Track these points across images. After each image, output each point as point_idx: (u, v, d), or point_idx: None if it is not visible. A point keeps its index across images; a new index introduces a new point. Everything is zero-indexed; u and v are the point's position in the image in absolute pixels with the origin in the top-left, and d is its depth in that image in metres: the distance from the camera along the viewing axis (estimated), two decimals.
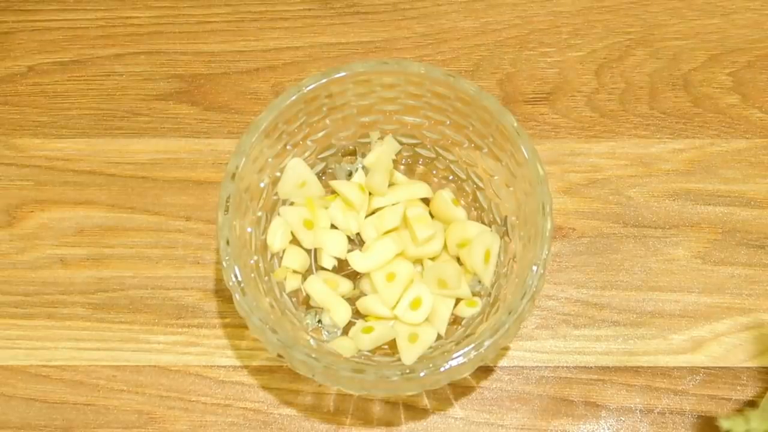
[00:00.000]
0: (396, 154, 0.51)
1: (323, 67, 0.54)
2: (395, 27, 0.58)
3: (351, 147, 0.51)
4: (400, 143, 0.51)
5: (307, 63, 0.57)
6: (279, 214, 0.49)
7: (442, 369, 0.41)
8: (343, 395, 0.49)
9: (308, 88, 0.46)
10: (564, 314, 0.51)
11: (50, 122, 0.55)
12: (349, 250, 0.48)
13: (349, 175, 0.50)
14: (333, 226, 0.49)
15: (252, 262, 0.47)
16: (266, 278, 0.47)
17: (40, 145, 0.55)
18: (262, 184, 0.48)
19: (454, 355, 0.41)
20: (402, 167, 0.52)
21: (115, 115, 0.55)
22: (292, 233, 0.48)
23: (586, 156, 0.54)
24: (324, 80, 0.46)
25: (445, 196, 0.49)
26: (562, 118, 0.55)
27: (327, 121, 0.49)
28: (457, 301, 0.47)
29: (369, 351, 0.47)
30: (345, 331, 0.48)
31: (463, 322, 0.48)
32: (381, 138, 0.50)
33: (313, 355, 0.41)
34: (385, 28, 0.58)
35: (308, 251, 0.49)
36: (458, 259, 0.48)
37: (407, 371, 0.41)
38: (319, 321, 0.48)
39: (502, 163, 0.47)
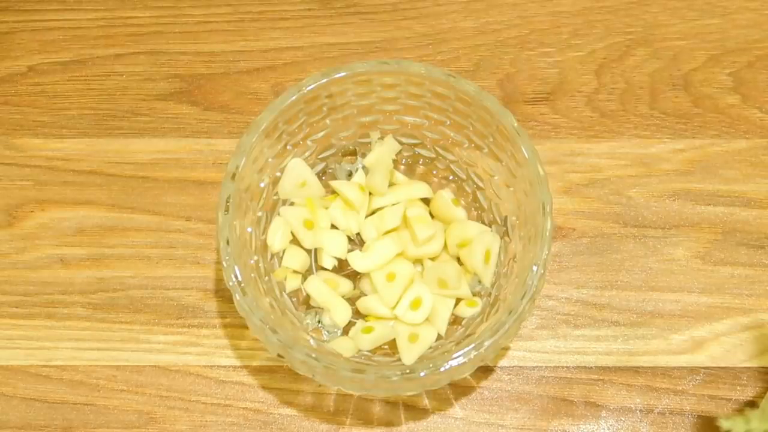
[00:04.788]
0: (396, 154, 0.51)
1: (323, 67, 0.54)
2: (395, 27, 0.58)
3: (351, 147, 0.51)
4: (400, 143, 0.51)
5: (307, 63, 0.57)
6: (279, 214, 0.49)
7: (442, 369, 0.41)
8: (343, 395, 0.49)
9: (308, 88, 0.46)
10: (564, 314, 0.51)
11: (50, 122, 0.55)
12: (349, 250, 0.48)
13: (349, 175, 0.50)
14: (333, 226, 0.49)
15: (252, 262, 0.47)
16: (266, 278, 0.47)
17: (40, 145, 0.55)
18: (262, 184, 0.48)
19: (454, 355, 0.41)
20: (402, 167, 0.52)
21: (115, 115, 0.55)
22: (292, 233, 0.48)
23: (586, 156, 0.54)
24: (324, 80, 0.46)
25: (445, 196, 0.49)
26: (562, 118, 0.55)
27: (327, 121, 0.49)
28: (457, 301, 0.47)
29: (369, 351, 0.47)
30: (345, 331, 0.48)
31: (463, 322, 0.48)
32: (381, 138, 0.50)
33: (313, 355, 0.41)
34: (385, 28, 0.58)
35: (308, 251, 0.49)
36: (458, 259, 0.48)
37: (407, 371, 0.41)
38: (319, 321, 0.48)
39: (502, 163, 0.47)
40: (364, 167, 0.50)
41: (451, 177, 0.51)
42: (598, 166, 0.54)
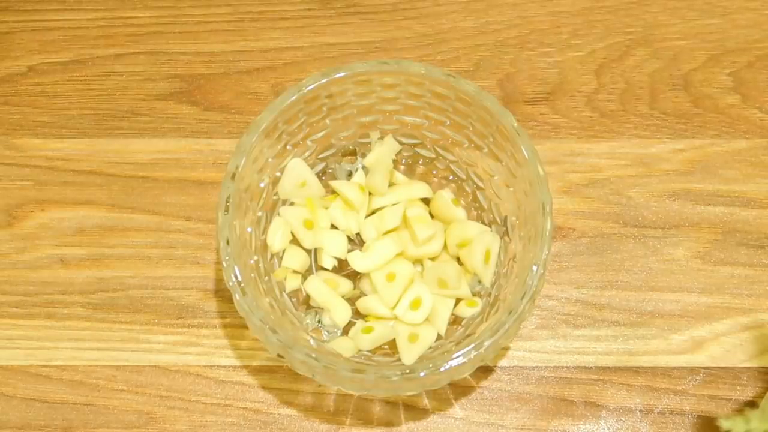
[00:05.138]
0: (396, 154, 0.51)
1: (323, 67, 0.54)
2: (395, 27, 0.58)
3: (351, 147, 0.51)
4: (400, 143, 0.51)
5: (307, 63, 0.57)
6: (279, 214, 0.49)
7: (442, 369, 0.41)
8: (343, 395, 0.49)
9: (308, 88, 0.46)
10: (564, 314, 0.51)
11: (50, 122, 0.55)
12: (349, 250, 0.48)
13: (349, 175, 0.50)
14: (333, 226, 0.49)
15: (252, 262, 0.47)
16: (266, 278, 0.47)
17: (40, 145, 0.55)
18: (262, 184, 0.48)
19: (454, 355, 0.41)
20: (402, 167, 0.52)
21: (115, 115, 0.55)
22: (292, 233, 0.48)
23: (586, 156, 0.54)
24: (324, 80, 0.46)
25: (445, 196, 0.49)
26: (562, 118, 0.55)
27: (327, 121, 0.49)
28: (457, 301, 0.47)
29: (369, 351, 0.47)
30: (345, 331, 0.48)
31: (463, 322, 0.48)
32: (381, 138, 0.50)
33: (313, 355, 0.41)
34: (385, 28, 0.58)
35: (308, 251, 0.49)
36: (458, 259, 0.48)
37: (407, 371, 0.41)
38: (319, 321, 0.48)
39: (502, 163, 0.47)
40: (364, 167, 0.50)
41: (451, 177, 0.51)
42: (598, 166, 0.54)
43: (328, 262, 0.48)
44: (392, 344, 0.47)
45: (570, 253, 0.52)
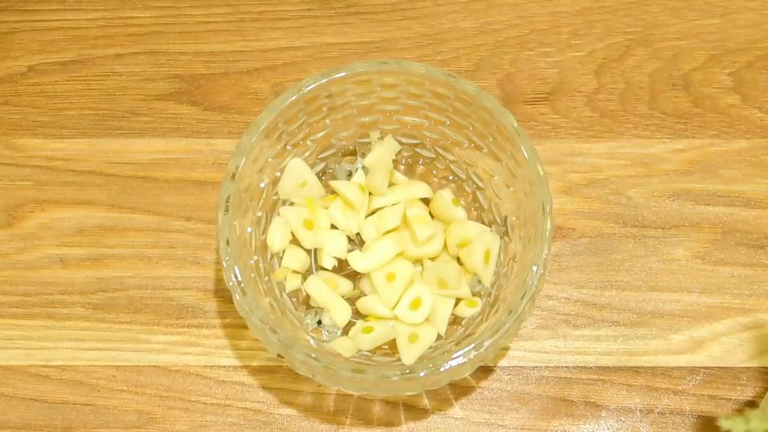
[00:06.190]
0: (396, 154, 0.51)
1: (323, 67, 0.54)
2: (395, 27, 0.58)
3: (351, 147, 0.51)
4: (400, 143, 0.51)
5: (307, 63, 0.57)
6: (279, 214, 0.49)
7: (442, 369, 0.41)
8: (343, 395, 0.49)
9: (308, 88, 0.46)
10: (564, 314, 0.51)
11: (50, 122, 0.55)
12: (349, 250, 0.48)
13: (349, 175, 0.50)
14: (333, 226, 0.49)
15: (252, 262, 0.47)
16: (266, 278, 0.47)
17: (40, 145, 0.55)
18: (262, 184, 0.48)
19: (454, 355, 0.41)
20: (402, 167, 0.52)
21: (115, 115, 0.55)
22: (292, 233, 0.48)
23: (586, 156, 0.54)
24: (324, 80, 0.46)
25: (445, 196, 0.49)
26: (562, 118, 0.55)
27: (327, 121, 0.49)
28: (457, 301, 0.47)
29: (369, 351, 0.47)
30: (345, 331, 0.48)
31: (463, 322, 0.48)
32: (381, 138, 0.50)
33: (313, 355, 0.41)
34: (385, 28, 0.58)
35: (308, 251, 0.49)
36: (458, 259, 0.48)
37: (407, 371, 0.41)
38: (319, 321, 0.48)
39: (502, 163, 0.47)
40: (364, 167, 0.50)
41: (451, 177, 0.51)
42: (598, 166, 0.54)
43: (328, 262, 0.48)
44: (392, 344, 0.47)
45: (570, 253, 0.52)
